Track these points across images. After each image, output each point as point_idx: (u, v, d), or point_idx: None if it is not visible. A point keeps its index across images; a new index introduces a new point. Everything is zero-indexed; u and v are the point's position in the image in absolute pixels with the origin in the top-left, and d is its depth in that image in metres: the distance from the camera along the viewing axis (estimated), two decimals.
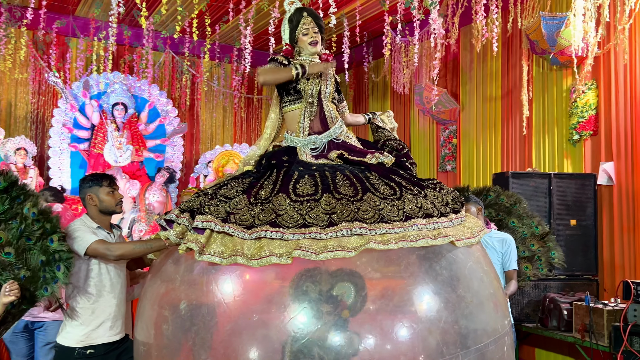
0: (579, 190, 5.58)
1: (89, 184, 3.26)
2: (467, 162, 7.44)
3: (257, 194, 2.81)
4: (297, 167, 2.97)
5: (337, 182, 2.81)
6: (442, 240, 2.67)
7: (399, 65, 7.78)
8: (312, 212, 2.64)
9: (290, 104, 3.19)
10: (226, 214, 2.72)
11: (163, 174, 8.22)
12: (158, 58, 8.75)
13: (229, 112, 9.63)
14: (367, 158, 3.12)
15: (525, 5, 6.19)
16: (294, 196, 2.73)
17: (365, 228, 2.55)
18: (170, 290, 2.79)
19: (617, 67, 5.65)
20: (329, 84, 3.25)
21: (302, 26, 3.17)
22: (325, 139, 3.18)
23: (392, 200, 2.73)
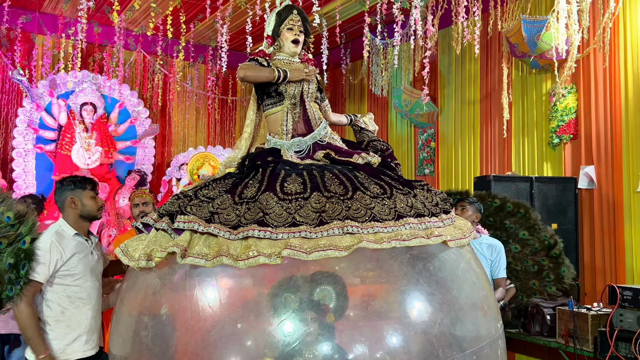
0: (559, 194, 5.57)
1: (71, 187, 3.04)
2: (445, 165, 7.39)
3: (242, 193, 2.67)
4: (283, 166, 2.86)
5: (326, 181, 2.71)
6: (435, 239, 2.59)
7: (377, 68, 7.70)
8: (302, 210, 2.52)
9: (272, 107, 3.10)
10: (210, 214, 2.57)
11: (134, 177, 7.93)
12: (129, 57, 8.47)
13: (202, 113, 9.39)
14: (354, 158, 3.06)
15: (506, 8, 6.17)
16: (281, 194, 2.61)
17: (357, 227, 2.44)
18: (150, 295, 2.60)
19: (596, 71, 5.67)
20: (311, 83, 3.17)
21: (289, 21, 3.09)
22: (309, 141, 3.09)
23: (382, 199, 2.64)
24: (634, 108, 5.28)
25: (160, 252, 2.52)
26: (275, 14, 3.14)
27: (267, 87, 3.05)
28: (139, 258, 2.59)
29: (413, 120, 7.63)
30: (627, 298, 4.14)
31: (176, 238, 2.54)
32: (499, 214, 4.62)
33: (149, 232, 2.71)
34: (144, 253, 2.58)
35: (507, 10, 6.17)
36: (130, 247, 2.71)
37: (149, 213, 4.25)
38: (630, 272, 5.18)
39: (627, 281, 5.14)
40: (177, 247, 2.46)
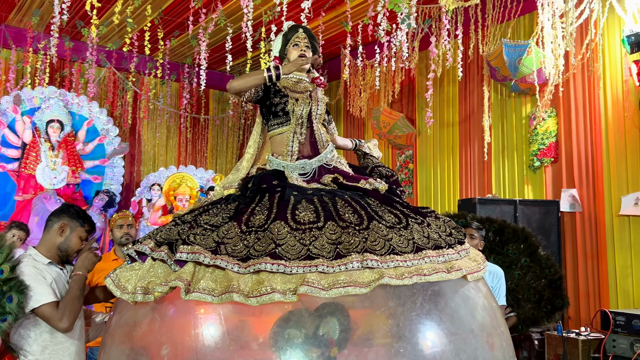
0: (542, 217, 5.58)
1: (74, 216, 2.82)
2: (424, 187, 7.36)
3: (249, 221, 2.49)
4: (291, 191, 2.69)
5: (339, 209, 2.56)
6: (456, 274, 2.47)
7: (355, 89, 7.66)
8: (316, 241, 2.35)
9: (278, 127, 2.96)
10: (215, 245, 2.37)
11: (102, 198, 7.60)
12: (99, 73, 8.18)
13: (173, 132, 9.14)
14: (361, 184, 2.93)
15: (486, 32, 6.23)
16: (293, 224, 2.44)
17: (376, 261, 2.30)
18: (147, 333, 2.39)
19: (576, 95, 5.75)
20: (320, 104, 3.05)
21: (295, 39, 3.00)
22: (315, 163, 2.96)
23: (399, 229, 2.51)
24: (614, 131, 5.37)
25: (162, 286, 2.32)
26: (281, 35, 3.05)
27: (274, 105, 2.93)
28: (134, 291, 2.38)
29: (391, 141, 7.60)
30: (619, 323, 4.14)
31: (178, 270, 2.35)
32: (501, 238, 4.55)
33: (143, 262, 2.50)
34: (141, 286, 2.38)
35: (488, 34, 6.23)
36: (123, 278, 2.50)
37: (132, 236, 4.03)
38: (614, 295, 5.21)
39: (612, 305, 5.17)
40: (180, 281, 2.26)
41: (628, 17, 5.12)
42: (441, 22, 6.21)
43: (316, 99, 3.04)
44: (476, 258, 2.76)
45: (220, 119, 9.42)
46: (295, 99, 2.95)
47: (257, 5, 6.37)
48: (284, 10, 5.76)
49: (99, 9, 6.78)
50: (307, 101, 2.97)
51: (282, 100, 2.91)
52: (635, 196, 5.12)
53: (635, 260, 5.10)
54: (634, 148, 5.21)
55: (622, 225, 5.22)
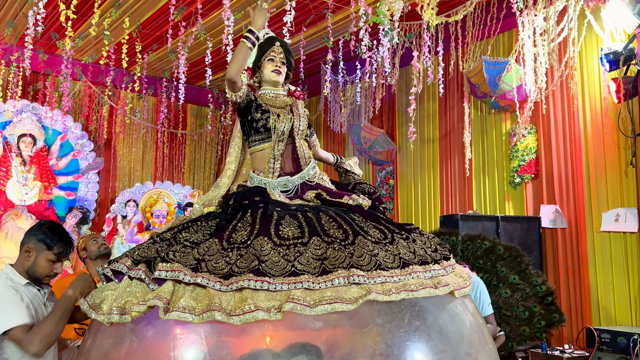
0: (524, 233, 5.57)
1: (40, 236, 2.63)
2: (405, 203, 7.32)
3: (231, 238, 2.40)
4: (274, 207, 2.62)
5: (324, 224, 2.49)
6: (443, 290, 2.41)
7: (335, 104, 7.62)
8: (301, 257, 2.28)
9: (259, 143, 2.89)
10: (196, 262, 2.27)
11: (75, 214, 7.39)
12: (74, 87, 8.00)
13: (150, 147, 8.96)
14: (345, 200, 2.88)
15: (466, 49, 6.26)
16: (277, 239, 2.37)
17: (363, 276, 2.23)
18: (123, 356, 2.26)
19: (555, 112, 5.79)
20: (302, 120, 2.98)
21: (270, 52, 2.91)
22: (297, 180, 2.89)
23: (385, 244, 2.46)
24: (593, 148, 5.40)
25: (139, 305, 2.20)
26: (258, 47, 2.93)
27: (255, 121, 2.86)
28: (109, 312, 2.26)
29: (372, 157, 7.56)
30: (604, 341, 4.10)
31: (156, 289, 2.23)
32: (489, 256, 4.48)
33: (119, 281, 2.39)
34: (117, 306, 2.26)
35: (468, 51, 6.26)
36: (98, 298, 2.38)
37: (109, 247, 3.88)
38: (596, 312, 5.20)
39: (594, 321, 5.15)
40: (159, 300, 2.15)
41: (606, 35, 5.19)
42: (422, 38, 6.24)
43: (298, 114, 2.97)
44: (462, 274, 2.72)
45: (198, 134, 9.29)
46: (277, 114, 2.88)
47: (237, 19, 6.32)
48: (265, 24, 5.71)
49: (75, 21, 6.65)
50: (289, 117, 2.90)
51: (263, 116, 2.84)
52: (616, 212, 5.14)
53: (616, 277, 5.10)
54: (613, 164, 5.24)
55: (603, 241, 5.23)
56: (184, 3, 6.19)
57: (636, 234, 5.00)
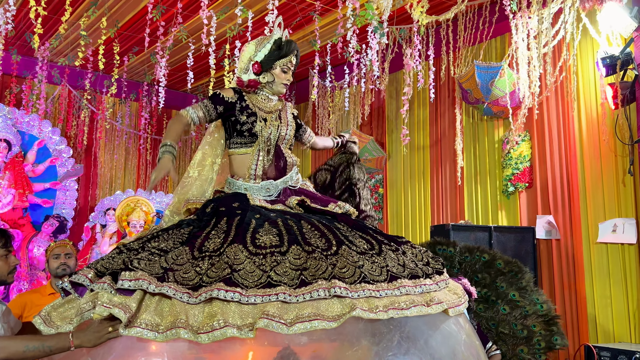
0: (518, 244, 5.35)
1: None
2: (395, 212, 7.09)
3: (203, 246, 2.19)
4: (252, 214, 2.40)
5: (305, 232, 2.30)
6: (436, 308, 2.20)
7: (323, 111, 7.41)
8: (278, 267, 2.07)
9: (241, 147, 2.70)
10: (163, 271, 2.06)
11: (52, 223, 7.08)
12: (52, 91, 7.72)
13: (132, 153, 8.68)
14: (330, 207, 2.68)
15: (457, 53, 6.07)
16: (253, 248, 2.16)
17: (346, 289, 2.02)
18: None
19: (550, 119, 5.60)
20: (290, 126, 2.80)
21: (287, 62, 2.73)
22: (280, 185, 2.71)
23: (371, 255, 2.26)
24: (589, 156, 5.21)
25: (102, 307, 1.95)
26: (273, 43, 2.70)
27: (239, 123, 2.66)
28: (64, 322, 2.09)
29: None
30: (604, 358, 3.88)
31: (124, 298, 2.01)
32: (488, 270, 4.23)
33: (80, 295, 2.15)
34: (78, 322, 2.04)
35: (459, 55, 6.07)
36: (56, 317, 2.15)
37: (71, 267, 3.61)
38: (593, 327, 4.97)
39: (591, 337, 4.93)
40: (121, 309, 1.92)
41: (602, 39, 5.01)
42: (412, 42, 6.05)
43: (285, 121, 2.78)
44: (456, 290, 2.50)
45: (182, 141, 9.02)
46: (264, 119, 2.68)
47: (220, 22, 6.09)
48: (249, 25, 5.50)
49: (54, 22, 6.41)
50: (276, 124, 2.71)
51: (249, 119, 2.65)
52: (613, 223, 4.94)
53: (614, 290, 4.88)
54: (610, 173, 5.04)
55: (600, 253, 5.02)
56: (166, 4, 5.95)
57: (634, 246, 4.79)
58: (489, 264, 4.38)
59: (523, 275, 4.38)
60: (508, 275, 4.37)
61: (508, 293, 4.30)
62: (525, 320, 4.18)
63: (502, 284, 4.34)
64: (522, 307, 4.24)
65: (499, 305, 4.26)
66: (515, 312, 4.20)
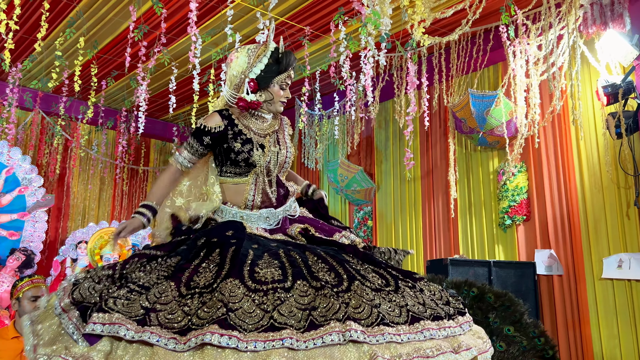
0: (518, 280, 5.07)
1: None
2: (384, 246, 6.76)
3: (192, 281, 1.86)
4: (250, 243, 2.08)
5: (312, 265, 1.98)
6: (465, 355, 1.91)
7: (310, 140, 7.15)
8: (283, 306, 1.75)
9: (235, 176, 2.38)
10: (144, 312, 1.73)
11: (17, 257, 6.60)
12: (24, 117, 7.32)
13: (107, 184, 8.26)
14: (336, 237, 2.38)
15: (451, 82, 5.90)
16: (252, 283, 1.83)
17: (363, 332, 1.70)
18: None
19: (547, 149, 5.41)
20: (289, 151, 2.49)
21: (285, 79, 2.40)
22: (281, 213, 2.41)
23: (387, 293, 1.96)
24: (590, 187, 5.01)
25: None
26: (270, 56, 2.36)
27: (233, 152, 2.33)
28: None
29: (349, 196, 7.05)
30: None
31: (87, 349, 1.67)
32: (479, 305, 3.93)
33: None
34: None
35: (452, 84, 5.90)
36: None
37: None
38: None
39: None
40: None
41: (602, 67, 4.88)
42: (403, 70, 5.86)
43: (285, 145, 2.46)
44: (480, 334, 2.20)
45: (161, 171, 8.64)
46: (260, 145, 2.36)
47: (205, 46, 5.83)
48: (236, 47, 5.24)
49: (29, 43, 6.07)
50: (275, 150, 2.39)
51: (244, 147, 2.32)
52: (618, 258, 4.70)
53: (622, 329, 4.62)
54: (612, 205, 4.84)
55: (605, 289, 4.77)
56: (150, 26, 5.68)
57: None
58: (479, 298, 4.10)
59: (516, 308, 4.12)
60: (500, 309, 4.10)
61: (502, 328, 4.02)
62: (524, 356, 3.91)
63: (496, 319, 4.06)
64: (519, 343, 3.96)
65: (495, 342, 3.96)
66: (513, 349, 3.91)
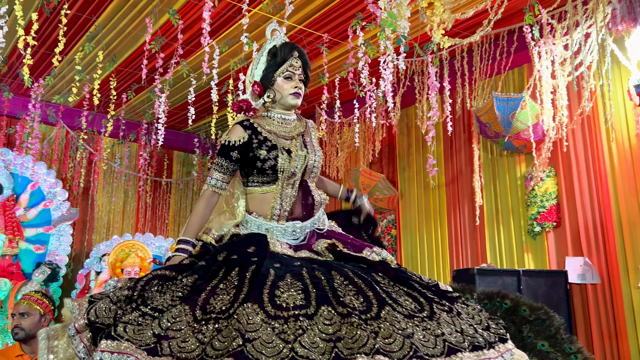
0: (549, 289, 4.86)
1: None
2: (409, 255, 6.62)
3: (208, 304, 1.75)
4: (271, 262, 1.95)
5: (338, 288, 1.81)
6: None
7: (332, 148, 7.04)
8: (305, 336, 1.61)
9: (262, 185, 2.26)
10: (155, 340, 1.62)
11: (43, 271, 6.63)
12: (49, 131, 7.40)
13: (131, 196, 8.29)
14: (365, 253, 2.20)
15: (474, 86, 5.73)
16: (271, 309, 1.70)
17: None
18: None
19: (577, 152, 5.20)
20: (317, 155, 2.35)
21: (288, 67, 2.26)
22: (309, 227, 2.27)
23: (422, 320, 1.79)
24: (624, 191, 4.78)
25: None
26: (267, 52, 2.29)
27: (259, 160, 2.21)
28: None
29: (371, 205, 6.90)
30: None
31: None
32: (511, 318, 3.74)
33: None
34: None
35: (475, 87, 5.73)
36: None
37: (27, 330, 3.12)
38: None
39: None
40: None
41: (633, 66, 4.66)
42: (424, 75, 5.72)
43: (312, 148, 2.33)
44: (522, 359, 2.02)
45: (184, 182, 8.65)
46: (287, 150, 2.23)
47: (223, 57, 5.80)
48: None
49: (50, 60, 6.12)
50: (302, 154, 2.26)
51: (270, 154, 2.21)
52: None
53: None
54: None
55: None
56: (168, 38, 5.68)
57: None
58: (512, 310, 3.88)
59: (552, 322, 3.89)
60: (535, 323, 3.89)
61: (536, 343, 3.80)
62: None
63: (530, 333, 3.84)
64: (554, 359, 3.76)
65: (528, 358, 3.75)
66: None
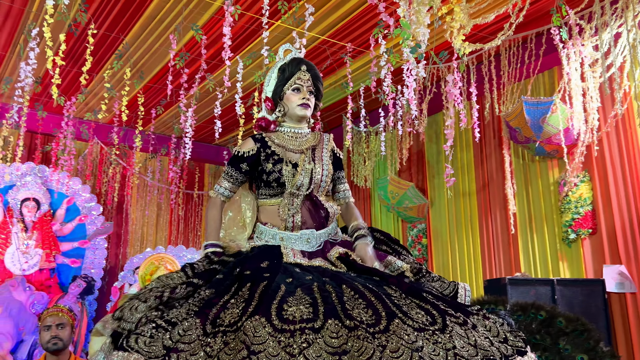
0: (586, 299, 4.68)
1: None
2: (441, 265, 6.50)
3: (218, 318, 1.75)
4: (283, 277, 1.94)
5: (347, 301, 1.79)
6: None
7: (359, 157, 7.00)
8: (310, 350, 1.60)
9: (269, 198, 2.31)
10: (165, 352, 1.64)
11: (79, 284, 6.76)
12: (83, 148, 7.59)
13: (164, 209, 8.42)
14: (377, 265, 2.18)
15: (502, 90, 5.60)
16: (278, 322, 1.69)
17: None
18: None
19: (612, 156, 5.02)
20: (325, 169, 2.33)
21: (296, 80, 2.33)
22: (323, 236, 2.28)
23: (432, 333, 1.73)
24: None
25: None
26: (277, 69, 2.38)
27: (265, 173, 2.27)
28: None
29: (401, 214, 6.83)
30: None
31: None
32: (547, 330, 3.61)
33: None
34: None
35: (504, 92, 5.60)
36: None
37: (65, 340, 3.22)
38: None
39: None
40: None
41: None
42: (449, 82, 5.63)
43: (320, 162, 2.33)
44: None
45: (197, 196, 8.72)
46: (293, 163, 2.26)
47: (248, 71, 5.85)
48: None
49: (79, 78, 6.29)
50: (308, 167, 2.27)
51: (275, 167, 2.25)
52: None
53: None
54: None
55: None
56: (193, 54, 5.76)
57: None
58: (547, 322, 3.73)
59: (590, 335, 3.72)
60: (572, 335, 3.73)
61: (575, 356, 3.64)
62: None
63: (567, 345, 3.68)
64: None
65: None
66: None
